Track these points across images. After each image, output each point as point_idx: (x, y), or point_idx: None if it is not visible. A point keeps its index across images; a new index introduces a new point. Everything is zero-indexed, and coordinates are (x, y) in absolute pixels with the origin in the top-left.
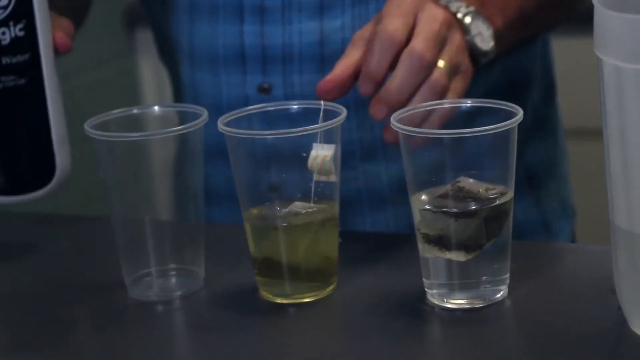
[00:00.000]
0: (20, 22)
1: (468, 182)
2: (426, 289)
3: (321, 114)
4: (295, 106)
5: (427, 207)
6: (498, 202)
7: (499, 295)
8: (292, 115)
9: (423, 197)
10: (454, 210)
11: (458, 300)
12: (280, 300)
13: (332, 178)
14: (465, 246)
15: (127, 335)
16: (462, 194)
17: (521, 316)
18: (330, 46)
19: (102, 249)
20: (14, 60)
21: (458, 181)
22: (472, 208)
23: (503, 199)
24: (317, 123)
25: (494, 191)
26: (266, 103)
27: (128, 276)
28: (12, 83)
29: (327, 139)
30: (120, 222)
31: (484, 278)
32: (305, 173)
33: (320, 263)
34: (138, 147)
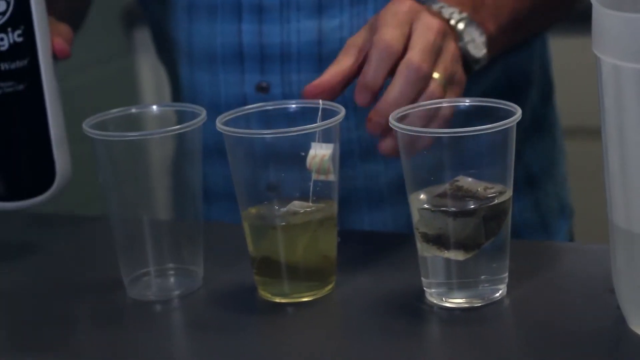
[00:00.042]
0: (18, 28)
1: (467, 181)
2: (425, 288)
3: (319, 113)
4: (293, 105)
5: (426, 206)
6: (497, 201)
7: (498, 294)
8: (291, 114)
9: (422, 196)
10: (453, 209)
11: (457, 299)
12: (278, 299)
13: (331, 177)
14: (463, 245)
15: (126, 334)
16: (461, 193)
17: (520, 315)
18: (328, 45)
19: (102, 249)
20: (13, 66)
21: (457, 180)
22: (471, 207)
23: (502, 198)
24: (316, 122)
25: (493, 190)
26: (264, 102)
27: (126, 276)
28: (11, 89)
29: (326, 138)
30: (118, 222)
31: (483, 277)
32: (303, 172)
33: (318, 262)
34: (136, 147)
